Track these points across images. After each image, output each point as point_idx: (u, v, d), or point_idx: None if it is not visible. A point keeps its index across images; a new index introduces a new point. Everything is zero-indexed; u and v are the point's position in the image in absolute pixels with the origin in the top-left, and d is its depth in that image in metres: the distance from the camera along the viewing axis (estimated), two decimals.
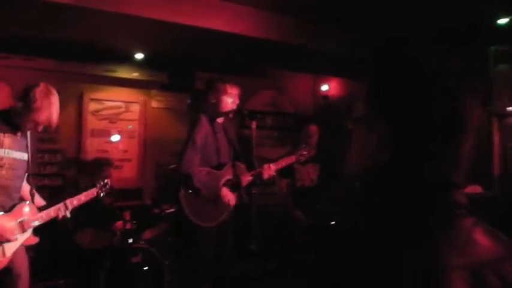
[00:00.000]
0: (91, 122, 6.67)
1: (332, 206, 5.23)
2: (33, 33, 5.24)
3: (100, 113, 6.75)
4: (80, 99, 6.58)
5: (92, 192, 3.59)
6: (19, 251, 3.16)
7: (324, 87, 7.77)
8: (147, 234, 5.11)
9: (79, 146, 6.55)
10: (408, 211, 1.07)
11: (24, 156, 3.24)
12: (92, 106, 6.69)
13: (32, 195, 3.33)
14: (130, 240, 4.95)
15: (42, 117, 3.08)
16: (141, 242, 4.94)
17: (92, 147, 6.62)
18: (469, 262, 0.99)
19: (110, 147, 6.80)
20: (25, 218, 3.14)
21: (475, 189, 4.70)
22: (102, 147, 6.72)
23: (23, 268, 3.22)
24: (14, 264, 3.13)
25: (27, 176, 3.34)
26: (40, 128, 3.18)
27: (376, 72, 1.20)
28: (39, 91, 3.08)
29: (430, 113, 1.06)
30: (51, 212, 3.27)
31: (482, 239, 1.04)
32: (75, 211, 4.55)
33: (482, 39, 5.02)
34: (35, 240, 3.27)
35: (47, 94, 3.10)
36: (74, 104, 6.52)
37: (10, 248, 3.06)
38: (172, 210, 4.93)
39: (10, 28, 5.05)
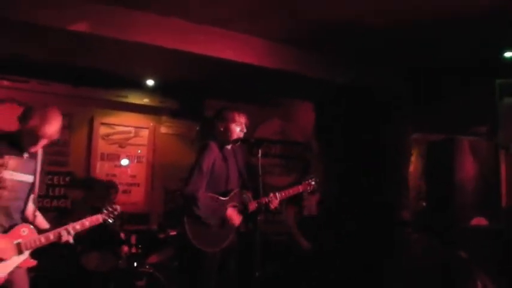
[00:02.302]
0: (101, 146, 6.77)
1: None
2: (50, 58, 5.37)
3: (110, 137, 6.85)
4: (90, 123, 6.69)
5: (97, 218, 3.50)
6: (19, 272, 3.15)
7: None
8: (153, 259, 5.14)
9: (88, 169, 6.63)
10: (365, 233, 1.15)
11: (30, 178, 3.26)
12: (103, 130, 6.80)
13: (34, 217, 3.34)
14: (136, 264, 4.98)
15: (32, 125, 3.10)
16: (146, 266, 4.97)
17: (101, 171, 6.70)
18: (413, 272, 1.08)
19: (118, 172, 6.87)
20: (21, 240, 3.13)
21: (480, 221, 4.69)
22: (111, 171, 6.80)
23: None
24: (12, 284, 3.12)
25: (33, 197, 3.38)
26: (36, 142, 3.20)
27: (331, 112, 1.30)
28: (35, 108, 3.16)
29: (377, 143, 1.16)
30: (50, 236, 3.22)
31: (420, 253, 1.13)
32: (81, 234, 4.57)
33: (488, 72, 5.09)
34: (32, 263, 3.23)
35: (44, 107, 3.17)
36: (85, 127, 6.63)
37: (4, 268, 3.05)
38: (175, 233, 4.97)
39: (28, 54, 5.18)
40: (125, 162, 6.93)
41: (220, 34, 4.99)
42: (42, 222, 3.42)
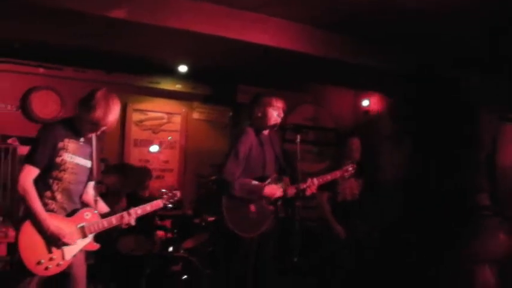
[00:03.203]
0: (134, 132, 6.83)
1: (373, 220, 5.20)
2: (84, 45, 5.40)
3: (143, 123, 6.91)
4: (123, 109, 6.73)
5: (157, 203, 3.58)
6: (78, 256, 3.22)
7: (365, 103, 7.73)
8: (188, 244, 5.17)
9: (122, 155, 6.70)
10: (441, 216, 1.14)
11: (87, 163, 3.32)
12: (136, 116, 6.86)
13: (95, 202, 3.40)
14: (171, 249, 5.02)
15: (97, 116, 3.12)
16: (181, 251, 5.00)
17: (135, 157, 6.77)
18: (493, 256, 1.08)
19: (151, 157, 6.93)
20: (85, 223, 3.22)
21: None
22: (144, 157, 6.86)
23: (81, 273, 3.28)
24: (72, 268, 3.20)
25: (93, 183, 3.42)
26: (97, 130, 3.24)
27: (417, 96, 1.26)
28: (99, 92, 3.19)
29: (459, 130, 1.14)
30: (113, 220, 3.32)
31: (504, 238, 1.12)
32: None
33: None
34: (96, 246, 3.31)
35: (106, 96, 3.19)
36: None
37: (70, 252, 3.14)
38: (213, 218, 4.99)
39: (63, 41, 5.22)
40: (154, 148, 6.98)
41: (254, 19, 4.94)
42: (103, 207, 3.48)
